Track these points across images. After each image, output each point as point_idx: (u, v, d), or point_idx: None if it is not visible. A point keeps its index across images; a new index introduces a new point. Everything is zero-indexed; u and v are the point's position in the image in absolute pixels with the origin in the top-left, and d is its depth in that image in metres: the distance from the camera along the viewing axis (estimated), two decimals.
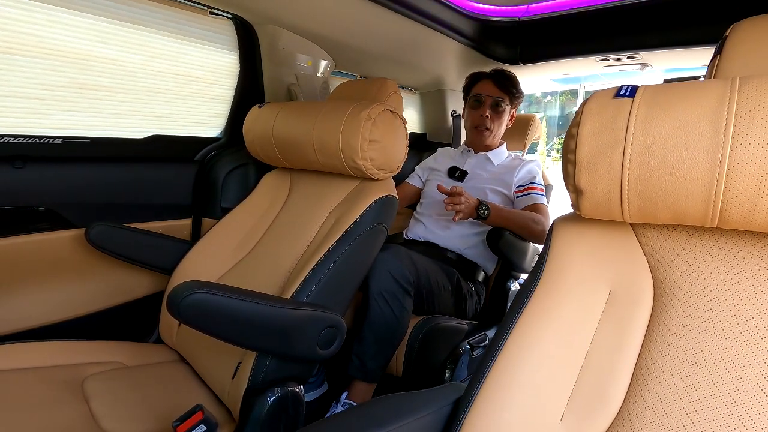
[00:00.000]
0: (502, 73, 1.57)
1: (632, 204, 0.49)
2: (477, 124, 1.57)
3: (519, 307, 0.57)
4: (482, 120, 1.55)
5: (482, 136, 1.57)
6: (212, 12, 1.23)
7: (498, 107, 1.54)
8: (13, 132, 0.96)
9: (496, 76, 1.56)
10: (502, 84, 1.54)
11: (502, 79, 1.55)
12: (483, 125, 1.55)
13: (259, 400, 0.77)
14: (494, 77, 1.56)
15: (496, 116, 1.56)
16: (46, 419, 0.75)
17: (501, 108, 1.55)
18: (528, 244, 1.43)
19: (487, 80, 1.56)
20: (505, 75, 1.57)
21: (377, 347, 1.11)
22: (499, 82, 1.54)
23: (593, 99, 0.52)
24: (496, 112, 1.55)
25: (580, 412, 0.50)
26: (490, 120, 1.55)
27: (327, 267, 0.88)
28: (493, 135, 1.57)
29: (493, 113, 1.55)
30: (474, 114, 1.58)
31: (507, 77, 1.56)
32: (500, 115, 1.56)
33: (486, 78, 1.57)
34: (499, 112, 1.55)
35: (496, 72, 1.58)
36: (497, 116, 1.56)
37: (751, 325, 0.45)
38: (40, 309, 1.05)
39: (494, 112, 1.55)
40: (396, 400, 0.55)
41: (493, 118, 1.55)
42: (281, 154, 1.13)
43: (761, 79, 0.43)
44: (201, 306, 0.67)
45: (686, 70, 2.01)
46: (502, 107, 1.54)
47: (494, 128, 1.56)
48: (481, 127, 1.56)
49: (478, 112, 1.56)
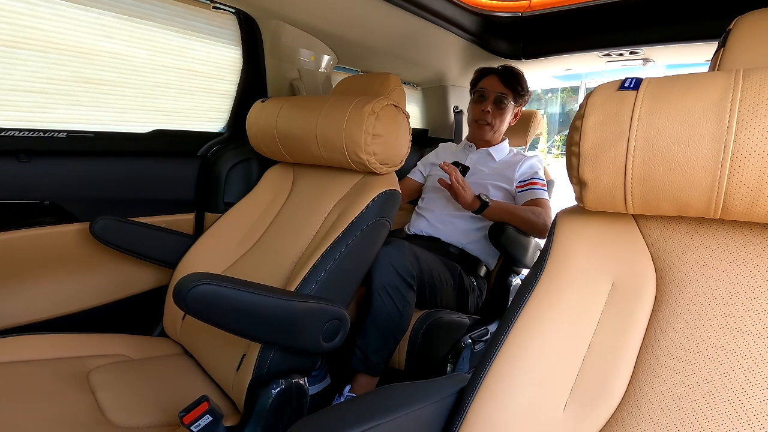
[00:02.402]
0: (508, 70, 1.57)
1: (636, 196, 0.50)
2: (478, 118, 1.57)
3: (522, 298, 0.57)
4: (483, 115, 1.55)
5: (483, 131, 1.57)
6: (215, 6, 1.23)
7: (501, 103, 1.54)
8: (17, 126, 0.96)
9: (503, 72, 1.56)
10: (507, 80, 1.54)
11: (507, 75, 1.55)
12: (484, 120, 1.55)
13: (263, 392, 0.77)
14: (500, 73, 1.56)
15: (498, 112, 1.55)
16: (54, 411, 0.76)
17: (503, 104, 1.54)
18: (530, 239, 1.44)
19: (493, 76, 1.57)
20: (511, 72, 1.56)
21: (380, 341, 1.12)
22: (504, 79, 1.54)
23: (597, 91, 0.53)
24: (498, 108, 1.55)
25: (583, 402, 0.51)
26: (492, 115, 1.55)
27: (330, 260, 0.89)
28: (494, 130, 1.57)
29: (495, 109, 1.55)
30: (476, 108, 1.58)
31: (513, 74, 1.56)
32: (503, 111, 1.56)
33: (492, 73, 1.57)
34: (502, 108, 1.55)
35: (503, 68, 1.58)
36: (499, 112, 1.56)
37: (753, 316, 0.45)
38: (45, 302, 1.05)
39: (496, 108, 1.55)
40: (400, 389, 0.56)
41: (495, 113, 1.55)
42: (284, 148, 1.13)
43: (765, 71, 0.43)
44: (207, 297, 0.67)
45: (689, 66, 2.01)
46: (504, 103, 1.54)
47: (495, 124, 1.56)
48: (482, 122, 1.56)
49: (480, 107, 1.56)
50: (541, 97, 11.84)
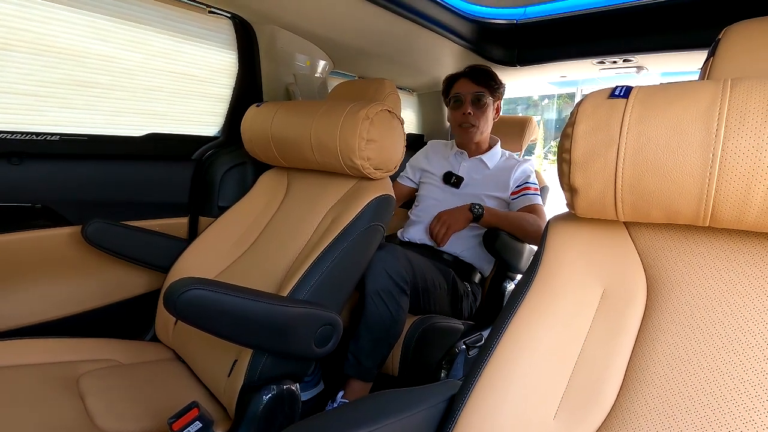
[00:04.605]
0: (477, 69, 1.54)
1: (626, 203, 0.50)
2: (460, 123, 1.54)
3: (514, 305, 0.57)
4: (465, 118, 1.51)
5: (468, 134, 1.54)
6: (211, 11, 1.23)
7: (479, 102, 1.51)
8: (9, 128, 0.96)
9: (472, 73, 1.53)
10: (479, 79, 1.51)
11: (477, 74, 1.52)
12: (467, 123, 1.52)
13: (254, 398, 0.77)
14: (470, 75, 1.53)
15: (479, 112, 1.52)
16: (41, 416, 0.75)
17: (483, 102, 1.51)
18: (524, 245, 1.44)
19: (463, 79, 1.54)
20: (480, 70, 1.54)
21: (373, 345, 1.11)
22: (476, 78, 1.51)
23: (588, 99, 0.53)
24: (478, 107, 1.52)
25: (574, 409, 0.50)
26: (474, 116, 1.51)
27: (324, 265, 0.89)
28: (480, 131, 1.54)
29: (475, 109, 1.51)
30: (456, 114, 1.55)
31: (482, 71, 1.53)
32: (484, 110, 1.52)
33: (462, 77, 1.55)
34: (482, 106, 1.52)
35: (471, 69, 1.55)
36: (480, 111, 1.52)
37: (742, 323, 0.46)
38: (36, 306, 1.04)
39: (476, 108, 1.51)
40: (391, 396, 0.55)
41: (477, 114, 1.52)
42: (279, 153, 1.13)
43: (752, 81, 0.43)
44: (198, 302, 0.67)
45: (682, 74, 2.03)
46: (483, 101, 1.51)
47: (480, 124, 1.52)
48: (466, 125, 1.52)
49: (460, 111, 1.53)
50: (538, 103, 11.92)
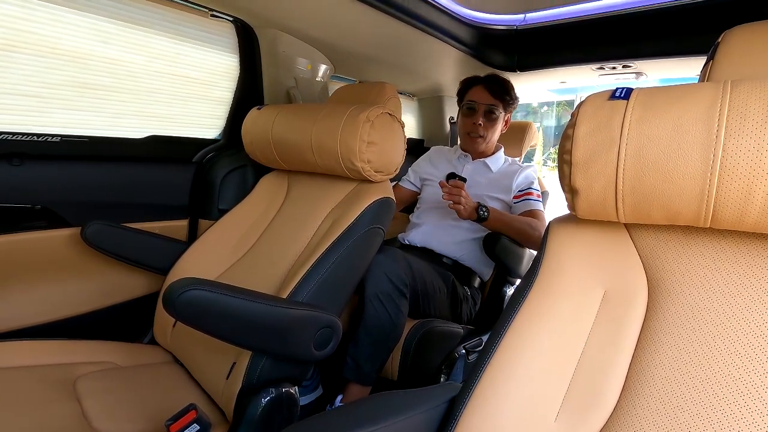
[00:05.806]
0: (495, 79, 1.56)
1: (627, 204, 0.50)
2: (469, 131, 1.56)
3: (515, 306, 0.57)
4: (475, 128, 1.54)
5: (475, 143, 1.56)
6: (213, 14, 1.24)
7: (492, 114, 1.53)
8: (11, 129, 0.96)
9: (490, 82, 1.55)
10: (495, 91, 1.53)
11: (495, 85, 1.54)
12: (476, 133, 1.54)
13: (253, 401, 0.76)
14: (487, 84, 1.54)
15: (490, 124, 1.54)
16: (38, 418, 0.75)
17: (494, 115, 1.54)
18: (524, 249, 1.44)
19: (480, 86, 1.55)
20: (498, 81, 1.55)
21: (372, 349, 1.11)
22: (492, 89, 1.53)
23: (589, 100, 0.53)
24: (489, 119, 1.54)
25: (575, 411, 0.50)
26: (483, 128, 1.53)
27: (323, 268, 0.88)
28: (486, 142, 1.56)
29: (486, 121, 1.54)
30: (467, 122, 1.57)
31: (500, 83, 1.55)
32: (494, 123, 1.55)
33: (479, 84, 1.56)
34: (493, 119, 1.54)
35: (489, 78, 1.56)
36: (491, 124, 1.55)
37: (744, 325, 0.45)
38: (35, 308, 1.04)
39: (487, 120, 1.54)
40: (391, 397, 0.55)
41: (487, 126, 1.54)
42: (279, 155, 1.13)
43: (753, 82, 0.44)
44: (197, 303, 0.67)
45: (681, 80, 2.04)
46: (495, 114, 1.53)
47: (488, 135, 1.55)
48: (474, 135, 1.54)
49: (471, 120, 1.55)
50: (537, 110, 11.97)
